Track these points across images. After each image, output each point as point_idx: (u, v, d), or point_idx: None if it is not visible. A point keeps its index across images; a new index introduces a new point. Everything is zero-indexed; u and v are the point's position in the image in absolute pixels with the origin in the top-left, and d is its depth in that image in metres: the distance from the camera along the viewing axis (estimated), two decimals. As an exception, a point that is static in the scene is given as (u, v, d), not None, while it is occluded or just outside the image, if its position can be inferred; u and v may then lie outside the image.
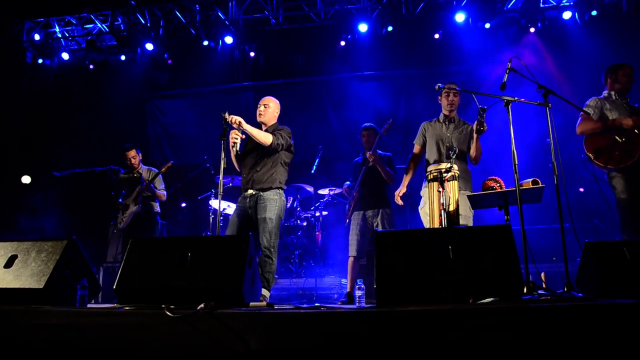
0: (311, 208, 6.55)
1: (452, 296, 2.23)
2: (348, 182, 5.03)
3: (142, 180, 5.54)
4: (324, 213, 6.47)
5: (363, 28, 7.49)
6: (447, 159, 3.76)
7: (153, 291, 2.41)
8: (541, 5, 7.19)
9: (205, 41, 8.04)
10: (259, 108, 4.10)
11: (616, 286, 2.35)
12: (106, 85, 8.40)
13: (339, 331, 1.95)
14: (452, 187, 3.41)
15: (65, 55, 8.47)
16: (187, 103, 8.55)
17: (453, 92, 4.05)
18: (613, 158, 3.85)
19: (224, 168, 3.65)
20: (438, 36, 7.51)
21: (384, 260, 2.39)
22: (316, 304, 3.10)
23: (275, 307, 2.30)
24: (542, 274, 3.65)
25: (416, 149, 4.26)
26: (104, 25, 8.33)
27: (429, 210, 3.55)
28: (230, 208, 6.18)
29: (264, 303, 2.54)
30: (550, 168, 3.22)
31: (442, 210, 3.35)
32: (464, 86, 4.41)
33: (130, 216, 5.46)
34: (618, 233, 4.08)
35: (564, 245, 3.05)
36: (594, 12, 6.94)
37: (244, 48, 8.34)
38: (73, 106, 8.41)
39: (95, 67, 8.33)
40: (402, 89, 7.80)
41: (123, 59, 8.33)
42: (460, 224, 3.54)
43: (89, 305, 2.67)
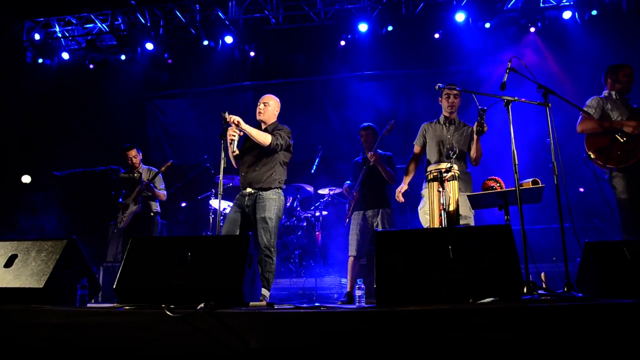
0: (311, 208, 6.55)
1: (452, 296, 2.23)
2: (348, 182, 5.04)
3: (142, 179, 5.54)
4: (324, 213, 6.48)
5: (363, 28, 7.49)
6: (447, 158, 3.76)
7: (153, 291, 2.41)
8: (541, 5, 7.19)
9: (205, 41, 8.04)
10: (259, 106, 4.07)
11: (616, 286, 2.35)
12: (106, 85, 8.41)
13: (339, 331, 1.95)
14: (452, 187, 3.41)
15: (66, 55, 8.47)
16: (187, 103, 8.56)
17: (454, 94, 4.05)
18: (614, 158, 3.85)
19: (224, 168, 3.64)
20: (438, 36, 7.51)
21: (384, 260, 2.39)
22: (316, 304, 3.10)
23: (275, 307, 2.30)
24: (542, 274, 3.65)
25: (416, 150, 4.26)
26: (104, 25, 8.34)
27: (429, 210, 3.55)
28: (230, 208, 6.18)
29: (264, 303, 2.54)
30: (550, 168, 3.22)
31: (442, 210, 3.35)
32: (464, 86, 4.42)
33: (130, 216, 5.46)
34: (618, 233, 4.08)
35: (564, 245, 3.05)
36: (594, 12, 6.95)
37: (244, 48, 8.34)
38: (73, 106, 8.42)
39: (95, 67, 8.33)
40: (402, 88, 7.80)
41: (123, 58, 8.33)
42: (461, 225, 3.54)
43: (89, 305, 2.67)
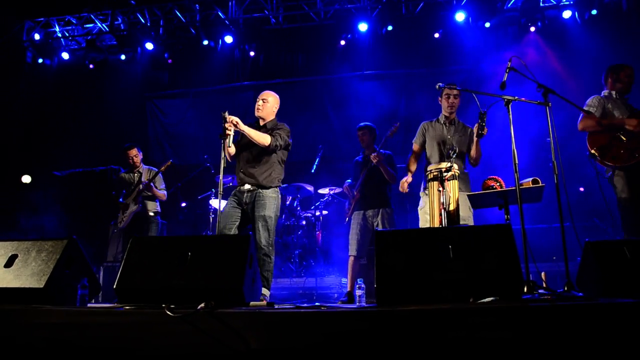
0: (311, 207, 6.55)
1: (453, 295, 2.22)
2: (349, 181, 5.04)
3: (143, 179, 5.54)
4: (324, 212, 6.48)
5: (363, 27, 7.49)
6: (448, 158, 3.76)
7: (153, 291, 2.41)
8: (541, 5, 7.18)
9: (205, 41, 8.04)
10: (258, 102, 4.04)
11: (617, 285, 2.35)
12: (106, 85, 8.41)
13: (339, 331, 1.95)
14: (453, 187, 3.41)
15: (65, 55, 8.47)
16: (187, 103, 8.55)
17: (454, 94, 4.05)
18: (618, 156, 3.85)
19: (224, 167, 3.64)
20: (438, 35, 7.51)
21: (384, 259, 2.39)
22: (316, 304, 3.10)
23: (276, 307, 2.30)
24: (543, 274, 3.65)
25: (415, 148, 4.25)
26: (104, 24, 8.33)
27: (429, 210, 3.55)
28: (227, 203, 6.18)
29: (264, 302, 2.54)
30: (550, 167, 3.22)
31: (443, 210, 3.34)
32: (465, 85, 4.42)
33: (130, 216, 5.46)
34: (619, 232, 4.07)
35: (565, 244, 3.05)
36: (594, 12, 6.94)
37: (244, 47, 8.34)
38: (73, 106, 8.41)
39: (95, 67, 8.33)
40: (403, 88, 7.80)
41: (123, 58, 8.34)
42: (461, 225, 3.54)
43: (89, 305, 2.66)
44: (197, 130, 8.31)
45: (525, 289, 2.77)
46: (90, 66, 8.30)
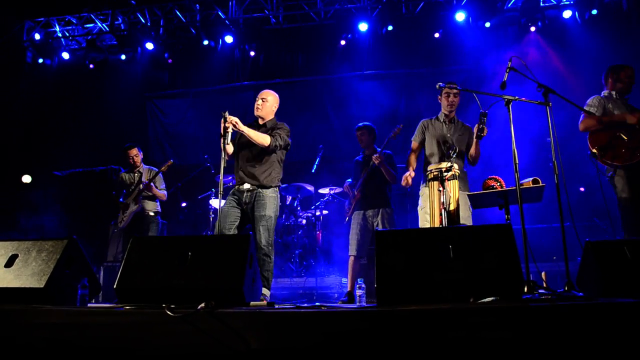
0: (312, 207, 6.55)
1: (453, 295, 2.22)
2: (349, 180, 5.04)
3: (143, 179, 5.55)
4: (325, 212, 6.48)
5: (363, 27, 7.49)
6: (448, 158, 3.75)
7: (153, 290, 2.41)
8: (541, 5, 7.18)
9: (205, 41, 8.04)
10: (257, 102, 4.03)
11: (617, 285, 2.35)
12: (106, 85, 8.40)
13: (339, 331, 1.95)
14: (453, 186, 3.41)
15: (66, 55, 8.47)
16: (188, 103, 8.56)
17: (453, 93, 4.04)
18: (619, 155, 3.85)
19: (224, 167, 3.63)
20: (438, 35, 7.51)
21: (385, 259, 2.39)
22: (317, 304, 3.10)
23: (276, 307, 2.30)
24: (543, 273, 3.65)
25: (414, 146, 4.21)
26: (104, 24, 8.33)
27: (429, 210, 3.55)
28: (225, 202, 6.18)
29: (264, 302, 2.54)
30: (550, 167, 3.22)
31: (443, 210, 3.34)
32: (465, 85, 4.42)
33: (130, 215, 5.46)
34: (619, 232, 4.07)
35: (565, 244, 3.05)
36: (594, 11, 6.94)
37: (244, 47, 8.34)
38: (73, 106, 8.41)
39: (95, 67, 8.33)
40: (403, 88, 7.80)
41: (123, 58, 8.34)
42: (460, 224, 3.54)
43: (89, 305, 2.66)
44: (197, 130, 8.32)
45: (525, 289, 2.77)
46: (91, 66, 8.30)
